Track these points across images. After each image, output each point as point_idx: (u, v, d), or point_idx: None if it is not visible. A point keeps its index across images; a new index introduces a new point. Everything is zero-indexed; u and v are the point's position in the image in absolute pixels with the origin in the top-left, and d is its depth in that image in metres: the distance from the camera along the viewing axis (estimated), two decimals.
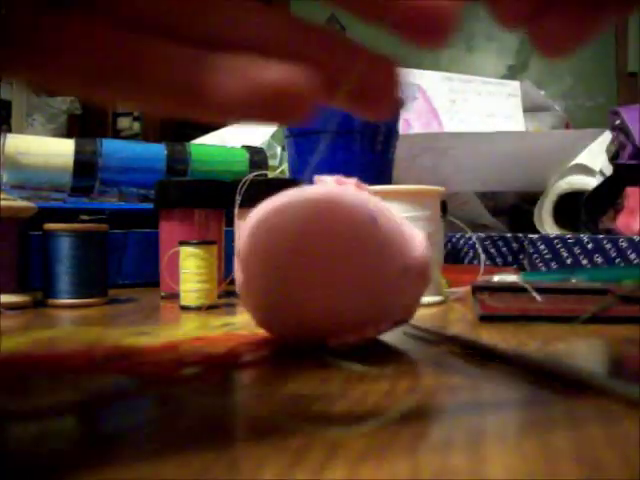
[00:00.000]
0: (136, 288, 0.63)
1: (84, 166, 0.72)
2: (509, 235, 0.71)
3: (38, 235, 0.51)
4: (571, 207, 0.84)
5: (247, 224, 0.31)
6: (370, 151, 0.67)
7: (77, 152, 0.72)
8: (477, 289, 0.41)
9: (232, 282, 0.35)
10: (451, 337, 0.33)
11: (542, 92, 1.22)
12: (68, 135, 2.65)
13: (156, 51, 0.17)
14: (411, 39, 0.17)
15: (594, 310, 0.38)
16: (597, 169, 0.88)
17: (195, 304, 0.47)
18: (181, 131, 3.28)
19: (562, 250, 0.65)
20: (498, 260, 0.72)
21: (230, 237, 0.58)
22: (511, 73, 2.85)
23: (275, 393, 0.24)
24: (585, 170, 0.90)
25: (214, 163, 0.81)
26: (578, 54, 0.19)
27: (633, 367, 0.29)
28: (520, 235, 0.70)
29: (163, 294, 0.55)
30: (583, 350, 0.33)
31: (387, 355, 0.30)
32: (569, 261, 0.65)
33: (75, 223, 0.54)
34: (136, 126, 3.55)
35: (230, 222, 0.56)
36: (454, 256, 0.76)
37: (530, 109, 1.13)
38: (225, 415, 0.22)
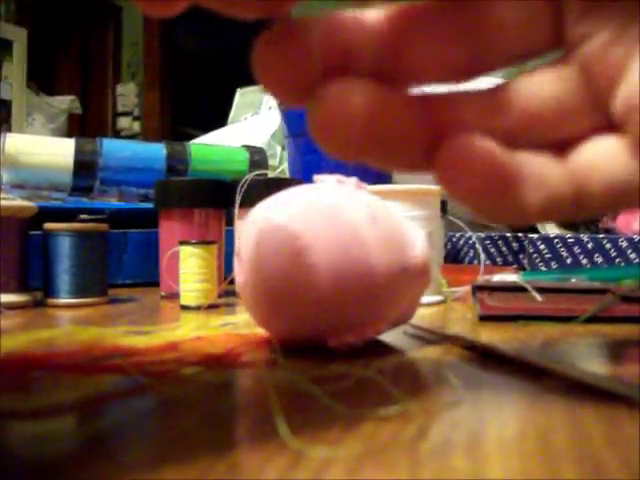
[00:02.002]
0: (136, 288, 0.63)
1: (84, 166, 0.72)
2: (509, 235, 0.71)
3: (38, 235, 0.51)
4: None
5: (247, 224, 0.31)
6: None
7: (77, 152, 0.72)
8: (477, 289, 0.41)
9: (232, 282, 0.35)
10: (451, 337, 0.33)
11: None
12: (68, 135, 2.65)
13: None
14: None
15: (594, 310, 0.38)
16: None
17: (195, 304, 0.47)
18: (181, 131, 3.28)
19: (562, 250, 0.65)
20: (498, 260, 0.72)
21: (230, 237, 0.57)
22: (511, 73, 2.84)
23: (275, 393, 0.24)
24: None
25: (214, 163, 0.81)
26: None
27: (633, 367, 0.29)
28: (520, 235, 0.70)
29: (163, 294, 0.55)
30: (583, 350, 0.33)
31: (387, 355, 0.30)
32: (569, 261, 0.65)
33: (75, 223, 0.54)
34: (136, 126, 3.55)
35: (230, 222, 0.56)
36: (454, 256, 0.76)
37: None
38: (225, 415, 0.22)
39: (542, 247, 0.67)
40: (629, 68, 0.17)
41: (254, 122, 1.17)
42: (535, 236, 0.68)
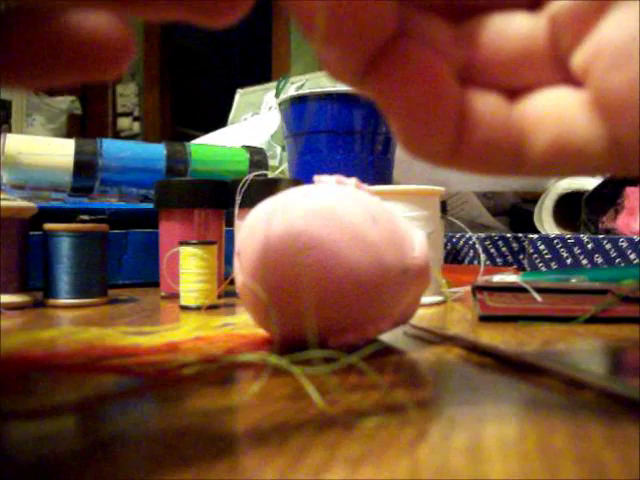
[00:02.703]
0: (136, 288, 0.63)
1: (84, 166, 0.72)
2: (509, 235, 0.71)
3: (38, 235, 0.51)
4: (571, 207, 0.84)
5: (247, 224, 0.31)
6: (370, 151, 0.67)
7: (77, 152, 0.72)
8: (477, 289, 0.41)
9: (232, 282, 0.35)
10: (451, 337, 0.33)
11: None
12: (68, 135, 2.65)
13: None
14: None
15: (594, 310, 0.38)
16: None
17: (195, 304, 0.47)
18: (181, 131, 3.28)
19: (562, 250, 0.65)
20: (498, 260, 0.72)
21: (230, 237, 0.58)
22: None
23: (275, 393, 0.24)
24: None
25: (214, 163, 0.81)
26: None
27: (633, 367, 0.29)
28: (520, 235, 0.70)
29: (163, 294, 0.55)
30: (583, 350, 0.33)
31: (387, 355, 0.30)
32: (569, 261, 0.65)
33: (75, 223, 0.54)
34: (136, 126, 3.55)
35: (230, 222, 0.56)
36: (454, 256, 0.76)
37: None
38: (225, 415, 0.22)
39: (542, 247, 0.67)
40: (597, 25, 0.17)
41: (254, 122, 1.17)
42: (535, 236, 0.68)
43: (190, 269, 0.47)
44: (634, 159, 0.17)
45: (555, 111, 0.18)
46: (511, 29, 0.18)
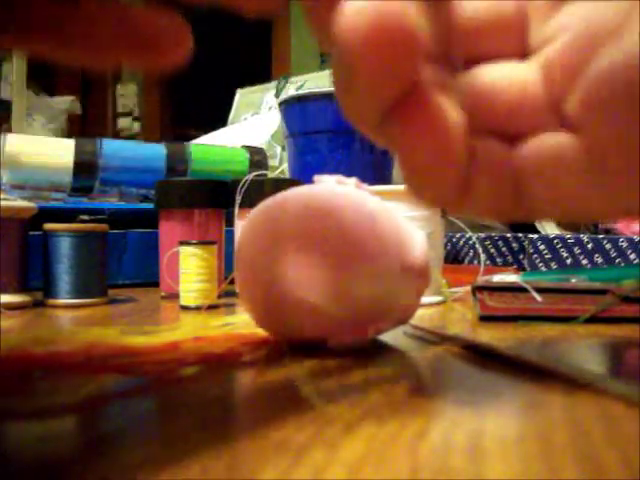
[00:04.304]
0: (136, 288, 0.63)
1: (84, 166, 0.72)
2: (509, 235, 0.71)
3: (38, 235, 0.51)
4: None
5: (247, 223, 0.31)
6: (370, 151, 0.67)
7: (77, 152, 0.72)
8: (477, 289, 0.41)
9: (232, 282, 0.35)
10: (451, 337, 0.33)
11: None
12: (68, 135, 2.64)
13: None
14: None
15: (594, 310, 0.38)
16: None
17: (195, 304, 0.47)
18: (181, 131, 3.28)
19: (562, 250, 0.65)
20: (498, 260, 0.72)
21: (230, 237, 0.58)
22: None
23: (275, 393, 0.24)
24: None
25: (214, 163, 0.81)
26: None
27: (633, 367, 0.29)
28: (520, 235, 0.70)
29: (163, 294, 0.55)
30: (583, 350, 0.33)
31: (387, 355, 0.30)
32: (569, 261, 0.65)
33: (75, 223, 0.54)
34: (136, 126, 3.55)
35: (230, 222, 0.56)
36: (454, 256, 0.76)
37: None
38: (225, 415, 0.22)
39: (542, 247, 0.67)
40: (587, 69, 0.17)
41: (254, 122, 1.17)
42: (535, 236, 0.68)
43: (190, 269, 0.47)
44: (631, 203, 0.18)
45: (553, 157, 0.18)
46: (505, 78, 0.18)
